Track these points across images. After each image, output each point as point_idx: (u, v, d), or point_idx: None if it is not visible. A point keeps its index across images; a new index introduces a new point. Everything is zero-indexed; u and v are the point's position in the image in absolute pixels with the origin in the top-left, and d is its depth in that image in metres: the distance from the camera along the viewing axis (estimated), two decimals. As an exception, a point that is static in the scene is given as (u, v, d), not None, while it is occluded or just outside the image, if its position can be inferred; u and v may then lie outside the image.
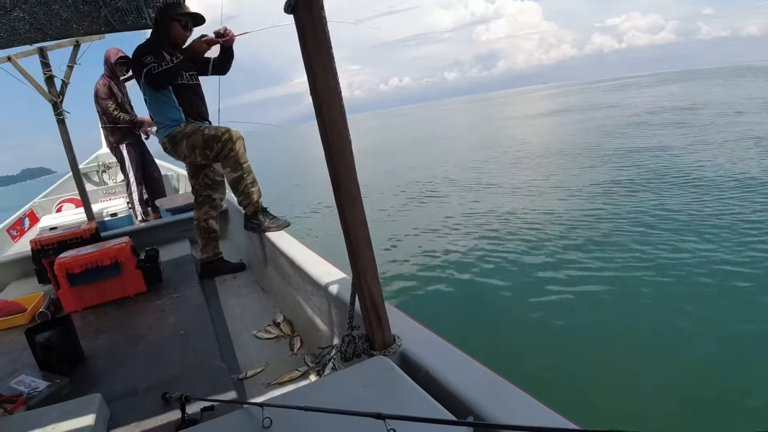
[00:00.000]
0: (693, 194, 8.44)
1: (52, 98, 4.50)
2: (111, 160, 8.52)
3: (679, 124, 18.29)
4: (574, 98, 57.02)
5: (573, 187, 10.49)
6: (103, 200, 7.38)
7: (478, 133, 31.11)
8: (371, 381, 1.33)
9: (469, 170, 15.09)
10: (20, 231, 6.83)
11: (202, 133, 3.21)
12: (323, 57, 1.30)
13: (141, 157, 5.99)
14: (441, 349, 1.49)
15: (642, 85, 67.83)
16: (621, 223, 7.46)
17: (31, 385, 2.01)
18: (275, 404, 1.22)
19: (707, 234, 6.43)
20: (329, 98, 1.33)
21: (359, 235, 1.45)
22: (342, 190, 1.40)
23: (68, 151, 4.70)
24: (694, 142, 13.72)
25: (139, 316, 2.80)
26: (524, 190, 11.02)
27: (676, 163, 11.33)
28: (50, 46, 4.42)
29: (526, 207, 9.41)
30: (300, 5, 1.27)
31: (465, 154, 19.92)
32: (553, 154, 16.23)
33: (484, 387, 1.26)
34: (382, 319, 1.53)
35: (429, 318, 5.14)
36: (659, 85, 58.13)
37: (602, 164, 12.70)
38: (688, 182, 9.31)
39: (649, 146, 14.08)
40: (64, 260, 3.01)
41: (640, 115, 23.84)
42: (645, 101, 33.31)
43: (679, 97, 32.44)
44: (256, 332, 2.65)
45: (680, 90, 42.04)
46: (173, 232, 4.56)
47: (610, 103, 35.19)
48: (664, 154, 12.75)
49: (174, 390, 1.70)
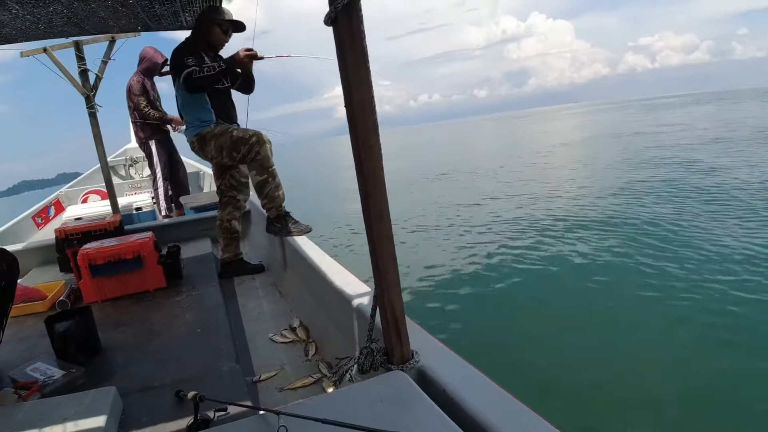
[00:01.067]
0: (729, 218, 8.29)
1: (85, 91, 4.58)
2: (138, 155, 8.64)
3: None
4: (618, 116, 55.89)
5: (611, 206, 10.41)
6: (129, 194, 7.48)
7: (508, 149, 31.05)
8: (388, 396, 1.32)
9: (500, 184, 15.05)
10: (45, 219, 6.94)
11: (230, 135, 3.25)
12: (360, 70, 1.31)
13: (169, 154, 6.09)
14: (459, 367, 1.48)
15: (678, 104, 66.52)
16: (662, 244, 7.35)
17: (46, 373, 2.03)
18: (292, 413, 1.22)
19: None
20: (363, 112, 1.33)
21: (385, 249, 1.44)
22: (371, 205, 1.40)
23: (98, 143, 4.78)
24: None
25: (158, 312, 2.83)
26: (554, 205, 10.94)
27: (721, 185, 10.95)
28: (86, 41, 4.49)
29: (555, 221, 9.34)
30: (340, 18, 1.28)
31: (495, 168, 19.86)
32: (587, 170, 16.11)
33: (501, 410, 1.25)
34: (402, 334, 1.52)
35: (448, 333, 5.11)
36: (695, 105, 57.03)
37: (637, 183, 12.51)
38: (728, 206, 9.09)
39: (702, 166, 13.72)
40: (87, 251, 3.05)
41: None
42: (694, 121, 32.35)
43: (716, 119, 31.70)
44: (271, 335, 2.66)
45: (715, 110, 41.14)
46: (196, 229, 4.60)
47: (670, 123, 33.69)
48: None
49: (188, 388, 1.70)
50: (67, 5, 2.94)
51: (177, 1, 3.14)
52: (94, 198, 7.75)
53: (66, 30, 3.62)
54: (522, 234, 8.76)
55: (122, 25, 3.72)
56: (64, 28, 3.53)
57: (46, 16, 3.09)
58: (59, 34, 3.76)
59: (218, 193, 3.68)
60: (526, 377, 4.11)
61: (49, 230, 6.10)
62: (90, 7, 3.05)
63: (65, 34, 3.83)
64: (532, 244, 8.08)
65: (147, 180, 8.09)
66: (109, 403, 1.65)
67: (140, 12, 3.20)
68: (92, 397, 1.70)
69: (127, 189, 7.98)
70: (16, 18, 2.92)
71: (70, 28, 3.57)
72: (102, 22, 3.49)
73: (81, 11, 3.11)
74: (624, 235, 7.98)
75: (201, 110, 3.30)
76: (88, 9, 3.08)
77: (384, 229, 1.43)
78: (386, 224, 1.43)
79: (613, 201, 10.67)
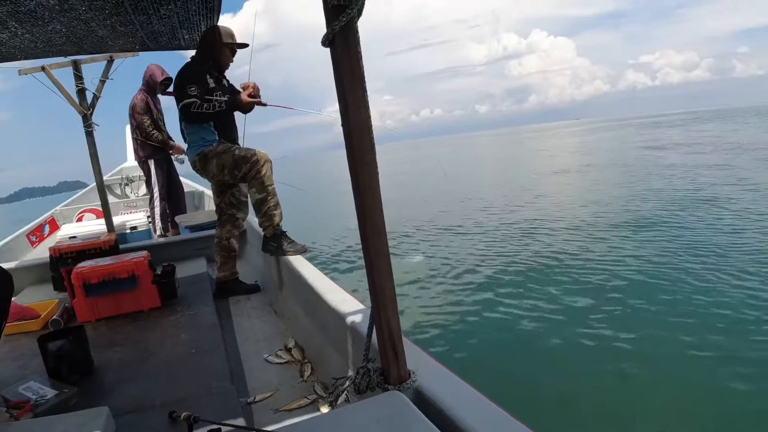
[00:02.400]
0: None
1: (82, 110, 4.60)
2: (134, 174, 8.65)
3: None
4: (618, 134, 55.88)
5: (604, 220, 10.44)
6: (124, 213, 7.48)
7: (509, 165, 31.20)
8: (384, 417, 1.31)
9: (496, 201, 15.11)
10: (39, 237, 6.91)
11: (232, 154, 3.28)
12: (357, 90, 1.32)
13: (168, 174, 6.09)
14: (457, 387, 1.47)
15: (679, 122, 66.59)
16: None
17: (39, 392, 2.01)
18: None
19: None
20: (360, 131, 1.34)
21: (382, 267, 1.44)
22: (368, 222, 1.40)
23: (94, 162, 4.79)
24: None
25: (152, 332, 2.81)
26: (550, 223, 10.97)
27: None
28: (84, 60, 4.52)
29: (550, 240, 9.36)
30: (337, 39, 1.29)
31: (493, 187, 19.94)
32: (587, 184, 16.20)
33: (500, 430, 1.24)
34: (399, 353, 1.51)
35: (445, 354, 5.08)
36: (696, 123, 57.16)
37: (640, 201, 12.57)
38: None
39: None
40: (82, 270, 3.04)
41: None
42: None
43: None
44: (267, 356, 2.64)
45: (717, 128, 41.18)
46: (191, 249, 4.59)
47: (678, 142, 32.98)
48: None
49: (181, 409, 1.68)
50: (66, 24, 2.96)
51: (175, 18, 3.16)
52: (89, 216, 7.74)
53: (64, 49, 3.64)
54: (520, 251, 8.77)
55: (120, 45, 3.74)
56: (62, 47, 3.55)
57: (45, 35, 3.11)
58: (58, 53, 3.78)
59: (217, 211, 3.69)
60: (524, 395, 4.08)
61: (43, 249, 6.07)
62: (89, 27, 3.07)
63: (64, 53, 3.86)
64: (531, 260, 8.09)
65: (143, 199, 8.08)
66: (102, 424, 1.63)
67: (138, 30, 3.22)
68: (85, 417, 1.68)
69: (123, 208, 7.98)
70: (15, 36, 2.94)
71: (68, 47, 3.59)
72: (100, 41, 3.52)
73: (80, 30, 3.13)
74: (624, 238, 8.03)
75: (204, 130, 3.34)
76: (86, 28, 3.10)
77: (380, 246, 1.43)
78: (382, 241, 1.43)
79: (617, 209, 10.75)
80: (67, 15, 2.79)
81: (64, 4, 2.59)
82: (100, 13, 2.81)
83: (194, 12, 3.15)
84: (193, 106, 3.16)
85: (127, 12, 2.80)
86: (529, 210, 13.14)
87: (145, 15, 2.93)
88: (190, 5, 2.95)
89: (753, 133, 31.67)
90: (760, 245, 7.45)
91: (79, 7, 2.65)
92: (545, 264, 7.95)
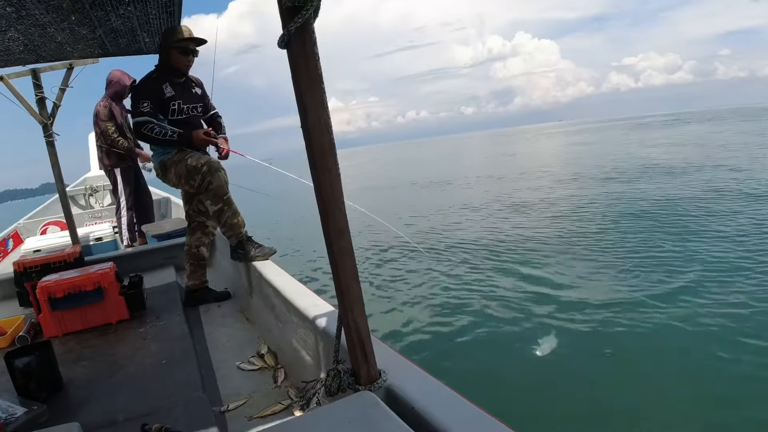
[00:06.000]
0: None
1: (42, 120, 4.49)
2: (98, 184, 8.46)
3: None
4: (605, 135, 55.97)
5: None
6: (89, 224, 7.33)
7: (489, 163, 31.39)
8: (356, 417, 1.31)
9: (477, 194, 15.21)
10: (3, 252, 6.74)
11: (185, 164, 3.22)
12: (315, 92, 1.32)
13: (135, 182, 5.97)
14: (428, 384, 1.48)
15: (661, 125, 66.78)
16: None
17: (8, 410, 1.96)
18: None
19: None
20: (320, 133, 1.34)
21: (347, 267, 1.44)
22: (330, 223, 1.41)
23: (56, 173, 4.69)
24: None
25: (121, 344, 2.76)
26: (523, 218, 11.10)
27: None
28: (43, 68, 4.42)
29: (516, 234, 9.47)
30: (293, 41, 1.29)
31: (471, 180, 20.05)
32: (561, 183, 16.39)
33: (472, 424, 1.25)
34: (368, 354, 1.51)
35: (416, 352, 5.10)
36: (680, 125, 57.27)
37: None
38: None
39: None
40: (46, 284, 2.97)
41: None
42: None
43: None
44: (239, 363, 2.61)
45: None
46: (159, 258, 4.52)
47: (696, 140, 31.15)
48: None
49: (154, 421, 1.66)
50: (24, 32, 2.90)
51: (135, 19, 3.10)
52: (53, 229, 7.56)
53: (23, 57, 3.57)
54: (496, 248, 8.85)
55: (80, 50, 3.67)
56: (21, 56, 3.48)
57: (2, 44, 3.05)
58: (16, 62, 3.70)
59: (187, 218, 3.63)
60: (496, 391, 4.12)
61: (7, 264, 5.92)
62: (46, 32, 3.01)
63: (22, 61, 3.77)
64: (503, 255, 8.17)
65: (108, 209, 7.92)
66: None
67: (97, 28, 3.14)
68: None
69: (88, 219, 7.81)
70: (-28, 46, 2.87)
71: (27, 56, 3.51)
72: (59, 48, 3.45)
73: (38, 37, 3.06)
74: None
75: None
76: (44, 34, 3.04)
77: (344, 246, 1.43)
78: (346, 241, 1.43)
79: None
80: (24, 21, 2.73)
81: (21, 11, 2.54)
82: (58, 15, 2.75)
83: (154, 16, 3.10)
84: (145, 128, 3.09)
85: (84, 8, 2.73)
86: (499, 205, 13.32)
87: (103, 11, 2.86)
88: (150, 8, 2.91)
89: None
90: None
91: (36, 12, 2.59)
92: (515, 257, 8.07)
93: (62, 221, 6.36)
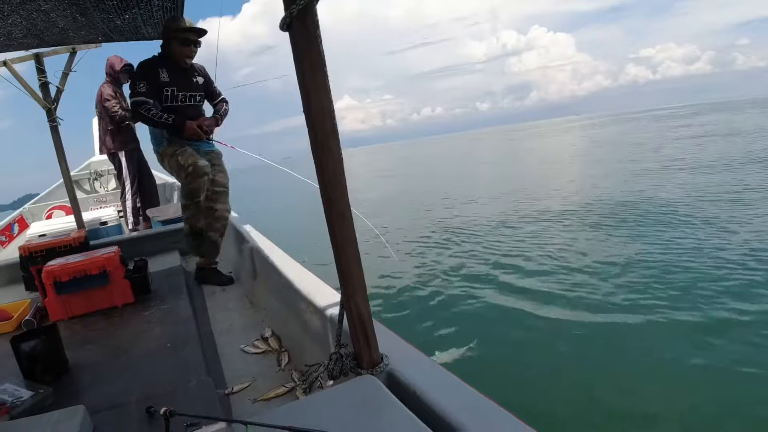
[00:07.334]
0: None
1: (46, 105, 4.49)
2: (103, 168, 8.48)
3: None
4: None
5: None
6: (94, 208, 7.35)
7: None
8: (358, 400, 1.32)
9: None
10: (9, 237, 6.77)
11: (176, 159, 3.30)
12: (317, 76, 1.31)
13: (138, 167, 5.97)
14: (429, 369, 1.48)
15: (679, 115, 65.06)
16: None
17: (14, 394, 1.98)
18: (259, 423, 1.20)
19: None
20: (322, 117, 1.33)
21: (349, 253, 1.44)
22: (333, 209, 1.40)
23: (60, 157, 4.69)
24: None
25: (126, 328, 2.78)
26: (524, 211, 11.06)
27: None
28: (47, 53, 4.41)
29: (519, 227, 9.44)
30: (295, 23, 1.28)
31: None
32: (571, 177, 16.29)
33: (472, 409, 1.25)
34: (370, 338, 1.52)
35: (418, 337, 5.12)
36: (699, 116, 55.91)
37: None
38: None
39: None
40: (52, 268, 2.98)
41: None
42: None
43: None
44: (243, 347, 2.63)
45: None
46: (163, 242, 4.53)
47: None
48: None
49: (158, 404, 1.67)
50: (26, 17, 2.88)
51: (138, 15, 3.10)
52: (58, 214, 7.59)
53: (26, 42, 3.55)
54: (504, 237, 8.84)
55: (83, 36, 3.66)
56: (23, 40, 3.46)
57: (4, 28, 3.03)
58: (19, 46, 3.68)
59: None
60: (499, 378, 4.14)
61: (13, 248, 5.95)
62: (49, 18, 2.99)
63: (25, 46, 3.75)
64: (514, 245, 8.16)
65: (112, 194, 7.94)
66: (78, 423, 1.61)
67: (100, 23, 3.15)
68: (61, 416, 1.65)
69: (92, 203, 7.83)
70: (-27, 31, 2.86)
71: (30, 40, 3.50)
72: (62, 33, 3.43)
73: (40, 22, 3.05)
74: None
75: (152, 133, 3.40)
76: (47, 20, 3.02)
77: (347, 233, 1.43)
78: (349, 227, 1.43)
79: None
80: (26, 7, 2.72)
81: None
82: (60, 3, 2.74)
83: (157, 7, 3.08)
84: (142, 108, 3.14)
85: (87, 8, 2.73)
86: (505, 202, 13.27)
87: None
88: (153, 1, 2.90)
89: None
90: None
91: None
92: (519, 251, 8.08)
93: (67, 206, 6.38)
